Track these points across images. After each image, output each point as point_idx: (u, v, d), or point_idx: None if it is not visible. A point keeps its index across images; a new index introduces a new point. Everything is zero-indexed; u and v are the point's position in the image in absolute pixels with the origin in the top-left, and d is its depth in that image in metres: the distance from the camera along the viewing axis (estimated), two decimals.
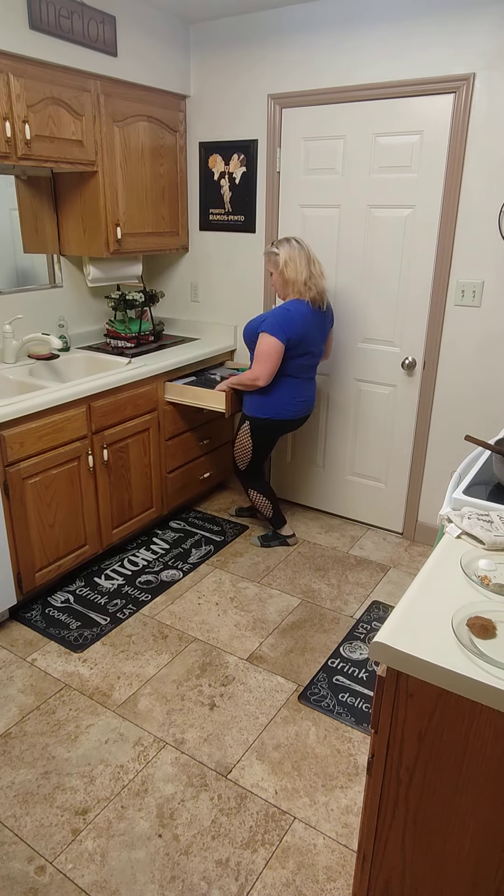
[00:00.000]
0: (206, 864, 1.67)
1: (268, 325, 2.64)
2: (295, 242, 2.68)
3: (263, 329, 2.65)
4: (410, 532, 3.29)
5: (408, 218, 2.83)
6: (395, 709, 1.11)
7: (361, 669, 2.36)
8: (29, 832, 1.75)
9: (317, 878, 1.64)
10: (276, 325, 2.63)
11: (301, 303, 2.69)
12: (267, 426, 2.87)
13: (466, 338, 2.84)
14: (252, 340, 2.77)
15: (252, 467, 3.02)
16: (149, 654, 2.43)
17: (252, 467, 3.02)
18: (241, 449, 2.98)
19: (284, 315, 2.65)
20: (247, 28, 2.98)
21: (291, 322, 2.64)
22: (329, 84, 2.84)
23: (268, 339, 2.64)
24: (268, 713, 2.15)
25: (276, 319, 2.64)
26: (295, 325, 2.64)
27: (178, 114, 3.23)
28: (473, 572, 1.26)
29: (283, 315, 2.65)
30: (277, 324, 2.63)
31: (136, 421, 2.92)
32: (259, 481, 3.09)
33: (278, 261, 2.68)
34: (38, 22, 2.43)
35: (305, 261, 2.67)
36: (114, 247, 3.00)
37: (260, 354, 2.68)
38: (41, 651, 2.43)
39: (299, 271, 2.66)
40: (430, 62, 2.59)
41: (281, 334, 2.63)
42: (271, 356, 2.66)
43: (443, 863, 1.17)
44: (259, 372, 2.69)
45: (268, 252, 2.74)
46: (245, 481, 3.10)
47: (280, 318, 2.64)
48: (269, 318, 2.66)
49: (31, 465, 2.44)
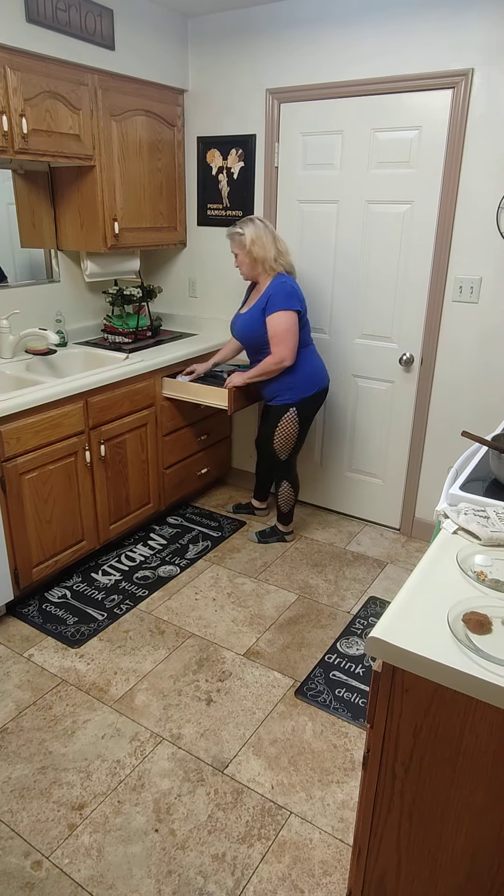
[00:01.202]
0: (202, 859, 1.68)
1: (278, 304, 2.64)
2: (259, 221, 2.70)
3: (276, 309, 2.64)
4: (408, 528, 3.29)
5: (406, 214, 2.83)
6: (391, 704, 1.11)
7: (358, 665, 2.36)
8: (25, 827, 1.76)
9: (313, 872, 1.65)
10: (285, 298, 2.64)
11: (283, 275, 2.71)
12: (309, 405, 2.86)
13: (464, 334, 2.84)
14: (255, 333, 2.76)
15: (292, 455, 2.99)
16: (146, 649, 2.43)
17: (292, 455, 2.99)
18: (285, 438, 2.91)
19: (285, 287, 2.66)
20: (245, 22, 2.97)
21: (295, 291, 2.67)
22: (328, 79, 2.83)
23: (284, 315, 2.64)
24: (264, 708, 2.16)
25: (282, 294, 2.64)
26: (298, 293, 2.68)
27: (176, 108, 3.22)
28: (469, 568, 1.27)
29: (285, 287, 2.66)
30: (286, 297, 2.64)
31: (134, 416, 2.92)
32: (294, 472, 3.08)
33: (244, 241, 2.68)
34: (36, 15, 2.41)
35: (272, 238, 2.69)
36: (111, 242, 2.99)
37: (278, 334, 2.67)
38: (38, 646, 2.43)
39: (268, 249, 2.68)
40: (428, 57, 2.58)
41: (294, 304, 2.65)
42: (290, 331, 2.67)
43: (438, 857, 1.17)
44: (284, 352, 2.69)
45: (231, 234, 2.72)
46: (283, 473, 3.06)
47: (285, 291, 2.65)
48: (273, 297, 2.65)
49: (29, 461, 2.44)
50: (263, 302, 2.69)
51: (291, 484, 3.07)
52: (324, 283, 3.14)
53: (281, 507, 3.14)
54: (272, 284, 2.69)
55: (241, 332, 2.83)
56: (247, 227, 2.68)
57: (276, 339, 2.68)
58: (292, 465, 3.05)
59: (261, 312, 2.70)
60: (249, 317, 2.76)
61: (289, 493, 3.09)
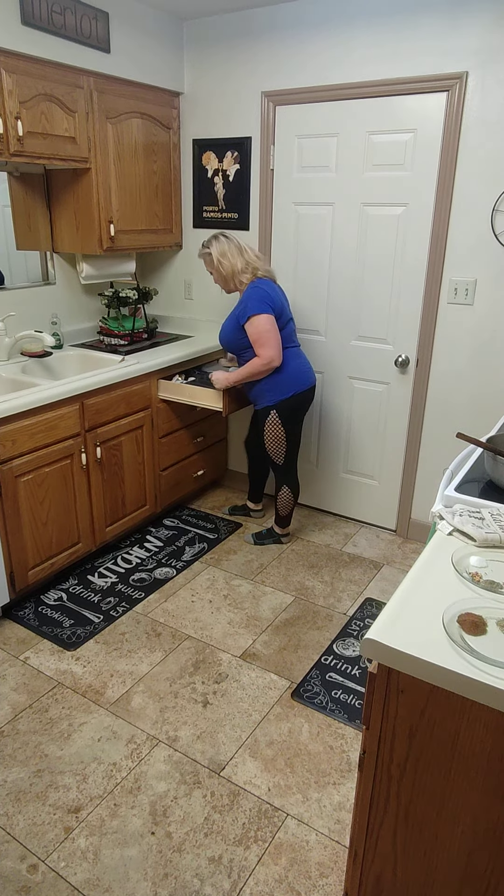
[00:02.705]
0: (198, 861, 1.67)
1: (251, 309, 2.67)
2: (223, 238, 2.76)
3: (249, 314, 2.68)
4: (404, 529, 3.30)
5: (401, 216, 2.84)
6: (387, 705, 1.11)
7: (354, 666, 2.36)
8: (21, 830, 1.75)
9: (309, 874, 1.65)
10: (257, 303, 2.67)
11: (258, 280, 2.75)
12: (293, 405, 2.86)
13: (459, 336, 2.84)
14: (235, 340, 2.79)
15: (288, 458, 2.99)
16: (142, 651, 2.43)
17: (288, 458, 2.99)
18: (274, 442, 2.92)
19: (256, 292, 2.70)
20: (241, 25, 2.97)
21: (266, 295, 2.70)
22: (323, 82, 2.84)
23: (258, 318, 2.67)
24: (261, 710, 2.16)
25: (253, 299, 2.68)
26: (270, 297, 2.71)
27: (172, 111, 3.23)
28: (464, 569, 1.27)
29: (256, 292, 2.70)
30: (257, 302, 2.68)
31: (130, 418, 2.92)
32: (294, 477, 3.07)
33: (212, 259, 2.76)
34: (31, 17, 2.42)
35: (237, 251, 2.75)
36: (107, 244, 3.00)
37: (260, 336, 2.69)
38: (34, 649, 2.43)
39: (234, 262, 2.74)
40: (423, 60, 2.59)
41: (266, 307, 2.68)
42: (271, 332, 2.70)
43: (433, 857, 1.17)
44: (270, 353, 2.71)
45: (202, 254, 2.81)
46: (282, 477, 3.05)
47: (256, 296, 2.69)
48: (246, 303, 2.70)
49: (24, 463, 2.44)
50: (238, 309, 2.74)
51: (291, 489, 3.07)
52: (319, 286, 3.15)
53: (279, 511, 3.14)
54: (245, 292, 2.75)
55: (223, 339, 2.88)
56: (213, 246, 2.75)
57: (259, 343, 2.71)
58: (292, 469, 3.05)
59: (236, 320, 2.75)
60: (229, 325, 2.81)
61: (288, 497, 3.09)
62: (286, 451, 2.95)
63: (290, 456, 2.98)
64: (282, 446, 2.93)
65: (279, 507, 3.12)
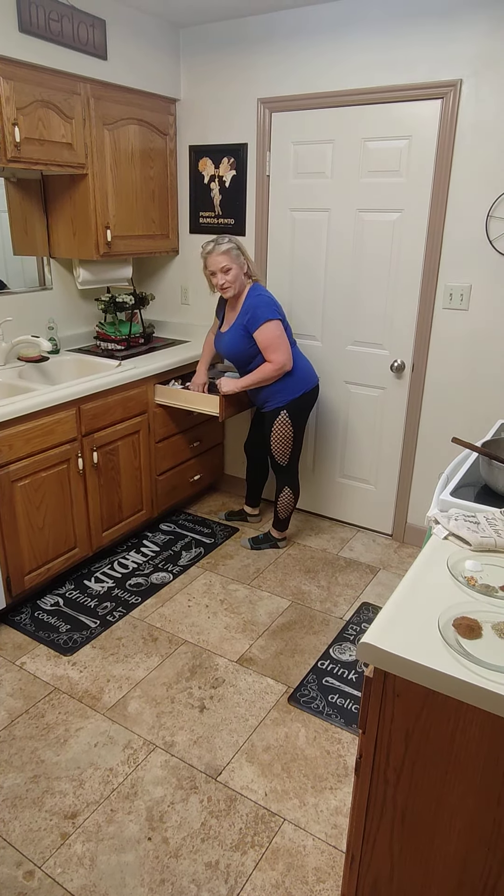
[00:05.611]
0: (195, 867, 1.67)
1: (261, 316, 2.69)
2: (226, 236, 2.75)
3: (260, 322, 2.69)
4: (400, 533, 3.31)
5: (396, 222, 2.85)
6: (383, 709, 1.11)
7: (351, 671, 2.36)
8: (17, 836, 1.75)
9: (306, 879, 1.65)
10: (266, 309, 2.70)
11: (255, 286, 2.78)
12: (301, 405, 2.89)
13: (454, 341, 2.86)
14: (244, 349, 2.79)
15: (292, 459, 3.00)
16: (138, 656, 2.43)
17: (292, 459, 3.00)
18: (281, 442, 2.93)
19: (262, 299, 2.73)
20: (237, 33, 2.99)
21: (272, 300, 2.76)
22: (318, 89, 2.86)
23: (270, 324, 2.70)
24: (257, 715, 2.16)
25: (262, 306, 2.71)
26: (275, 301, 2.77)
27: (169, 117, 3.24)
28: (460, 573, 1.28)
29: (261, 299, 2.73)
30: (266, 308, 2.71)
31: (127, 423, 2.92)
32: (296, 478, 3.08)
33: (231, 252, 2.69)
34: (28, 25, 2.43)
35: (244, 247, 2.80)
36: (104, 249, 3.00)
37: (271, 343, 2.72)
38: (30, 654, 2.43)
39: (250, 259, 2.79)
40: (418, 68, 2.61)
41: (275, 313, 2.72)
42: (281, 337, 2.73)
43: (430, 861, 1.18)
44: (281, 358, 2.74)
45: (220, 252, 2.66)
46: (285, 478, 3.05)
47: (262, 303, 2.72)
48: (254, 311, 2.70)
49: (21, 468, 2.44)
50: (245, 318, 2.73)
51: (293, 491, 3.07)
52: (315, 291, 3.16)
53: (279, 513, 3.14)
54: (248, 300, 2.75)
55: (229, 350, 2.85)
56: (225, 241, 2.69)
57: (270, 349, 2.72)
58: (294, 471, 3.06)
59: (244, 329, 2.74)
60: (234, 334, 2.79)
61: (289, 499, 3.09)
62: (291, 451, 2.97)
63: (294, 456, 2.99)
64: (288, 446, 2.94)
65: (279, 509, 3.12)
